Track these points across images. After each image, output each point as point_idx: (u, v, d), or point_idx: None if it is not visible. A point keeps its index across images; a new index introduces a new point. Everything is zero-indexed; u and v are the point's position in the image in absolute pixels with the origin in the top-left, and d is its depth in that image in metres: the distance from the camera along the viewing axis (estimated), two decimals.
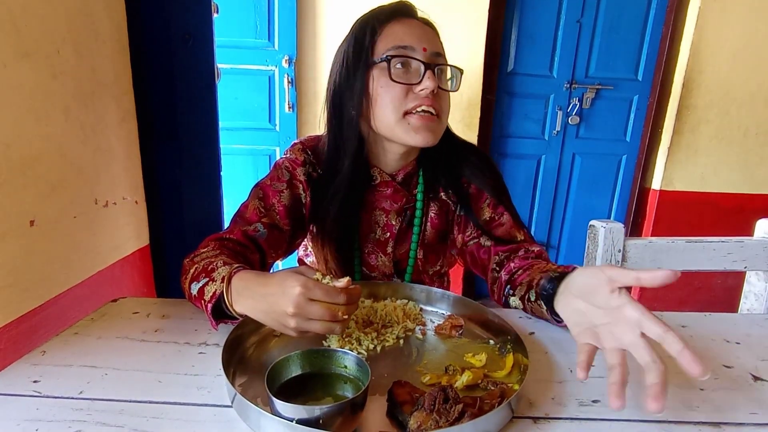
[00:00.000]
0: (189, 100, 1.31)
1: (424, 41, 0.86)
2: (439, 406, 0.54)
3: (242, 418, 0.56)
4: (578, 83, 2.71)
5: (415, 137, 0.87)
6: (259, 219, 0.90)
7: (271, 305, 0.64)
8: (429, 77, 0.84)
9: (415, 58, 0.85)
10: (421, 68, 0.85)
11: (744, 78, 2.54)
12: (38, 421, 0.55)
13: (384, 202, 0.98)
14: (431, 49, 0.86)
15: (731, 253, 1.06)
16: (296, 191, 0.95)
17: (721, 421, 0.59)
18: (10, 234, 0.83)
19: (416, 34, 0.86)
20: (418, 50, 0.85)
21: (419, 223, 0.99)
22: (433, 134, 0.88)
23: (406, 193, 0.98)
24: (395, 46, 0.85)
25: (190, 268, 0.78)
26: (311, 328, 0.63)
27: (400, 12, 0.89)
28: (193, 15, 1.28)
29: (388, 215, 0.99)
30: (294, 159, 0.96)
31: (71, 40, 0.97)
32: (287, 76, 2.49)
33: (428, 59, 0.85)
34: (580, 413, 0.60)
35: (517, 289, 0.85)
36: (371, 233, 1.00)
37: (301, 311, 0.61)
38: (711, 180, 2.69)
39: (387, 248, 1.01)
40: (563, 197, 2.93)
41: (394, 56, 0.84)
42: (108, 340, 0.75)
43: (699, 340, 0.80)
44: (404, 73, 0.85)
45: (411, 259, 1.01)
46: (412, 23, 0.88)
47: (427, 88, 0.84)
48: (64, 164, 0.97)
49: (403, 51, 0.85)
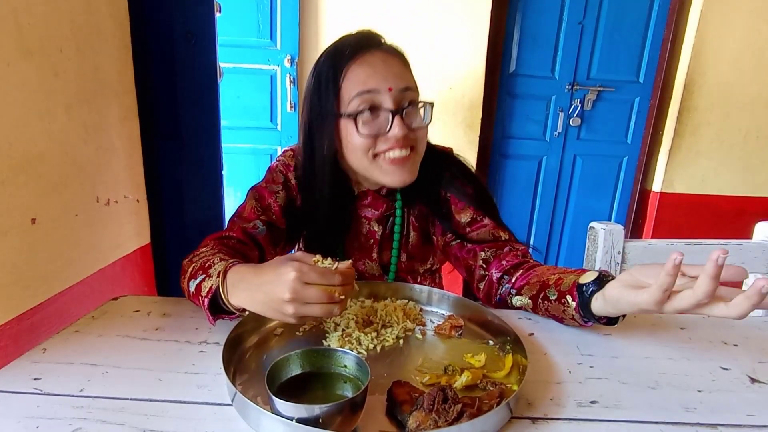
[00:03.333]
0: (191, 99, 1.32)
1: (390, 79, 0.84)
2: (438, 406, 0.54)
3: (242, 416, 0.56)
4: (580, 85, 2.71)
5: (391, 179, 0.88)
6: (258, 217, 0.92)
7: (268, 294, 0.63)
8: (397, 124, 0.83)
9: (379, 107, 0.84)
10: (389, 116, 0.84)
11: (745, 81, 2.54)
12: (39, 419, 0.55)
13: (366, 210, 1.00)
14: (397, 87, 0.84)
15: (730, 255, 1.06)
16: (290, 193, 0.98)
17: (718, 423, 0.59)
18: (12, 231, 0.83)
19: (380, 73, 0.84)
20: (383, 92, 0.83)
21: (399, 229, 1.00)
22: (409, 173, 0.88)
23: (386, 200, 0.99)
24: (360, 92, 0.83)
25: (189, 267, 0.78)
26: (310, 312, 0.63)
27: (363, 46, 0.86)
28: (196, 14, 1.29)
29: (371, 222, 1.01)
30: (287, 164, 0.99)
31: (74, 38, 0.98)
32: (289, 76, 2.49)
33: (395, 99, 0.84)
34: (579, 414, 0.60)
35: (524, 289, 0.85)
36: (356, 241, 1.02)
37: (298, 296, 0.61)
38: (711, 182, 2.69)
39: (372, 254, 1.03)
40: (564, 198, 2.93)
41: (359, 112, 0.84)
42: (109, 338, 0.75)
43: (697, 342, 0.80)
44: (372, 120, 0.85)
45: (393, 265, 1.03)
46: (375, 60, 0.85)
47: (395, 136, 0.84)
48: (66, 162, 0.97)
49: (368, 97, 0.83)
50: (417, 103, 0.88)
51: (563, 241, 3.01)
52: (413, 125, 0.87)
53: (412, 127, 0.86)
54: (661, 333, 0.83)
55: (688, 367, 0.72)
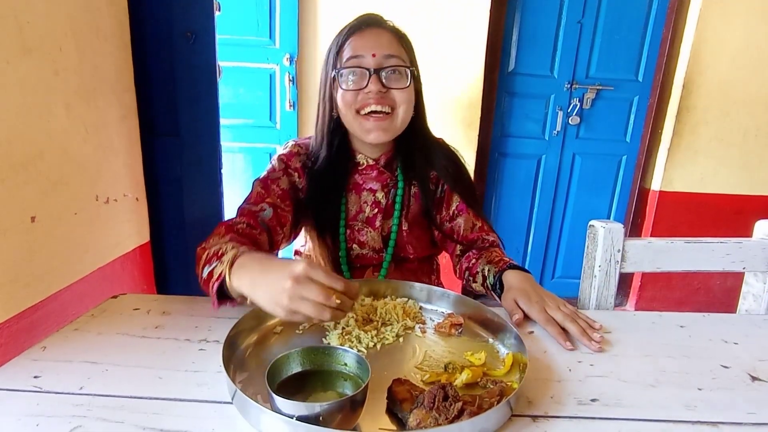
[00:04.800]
0: (190, 97, 1.32)
1: (376, 47, 0.96)
2: (439, 403, 0.54)
3: (242, 414, 0.56)
4: (579, 84, 2.71)
5: (367, 136, 0.99)
6: (263, 200, 0.98)
7: (269, 279, 0.65)
8: (373, 81, 0.95)
9: (361, 67, 0.96)
10: (366, 74, 0.96)
11: (744, 80, 2.54)
12: (38, 417, 0.55)
13: (371, 182, 1.08)
14: (381, 53, 0.96)
15: (730, 253, 1.06)
16: (292, 177, 1.05)
17: (718, 421, 0.59)
18: (12, 230, 0.83)
19: (370, 43, 0.97)
20: (367, 57, 0.96)
21: (400, 200, 1.08)
22: (385, 132, 0.99)
23: (389, 174, 1.08)
24: (349, 57, 0.97)
25: (203, 254, 0.80)
26: (302, 309, 0.62)
27: (362, 23, 1.00)
28: (195, 13, 1.28)
29: (375, 194, 1.08)
30: (288, 152, 1.07)
31: (73, 37, 0.98)
32: (288, 74, 2.49)
33: (376, 64, 0.96)
34: (579, 412, 0.60)
35: (476, 277, 1.02)
36: (361, 213, 1.08)
37: (297, 287, 0.62)
38: (710, 181, 2.69)
39: (376, 223, 1.08)
40: (563, 197, 2.93)
41: (343, 68, 0.97)
42: (108, 336, 0.75)
43: (697, 340, 0.81)
44: (357, 79, 0.97)
45: (393, 234, 1.08)
46: (370, 33, 0.98)
47: (371, 91, 0.95)
48: (66, 161, 0.97)
49: (354, 61, 0.96)
50: (400, 69, 0.98)
51: (562, 240, 3.01)
52: (391, 85, 0.97)
53: (390, 86, 0.97)
54: (661, 331, 0.83)
55: (689, 365, 0.72)
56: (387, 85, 0.97)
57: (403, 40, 1.01)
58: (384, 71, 0.96)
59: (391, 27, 1.02)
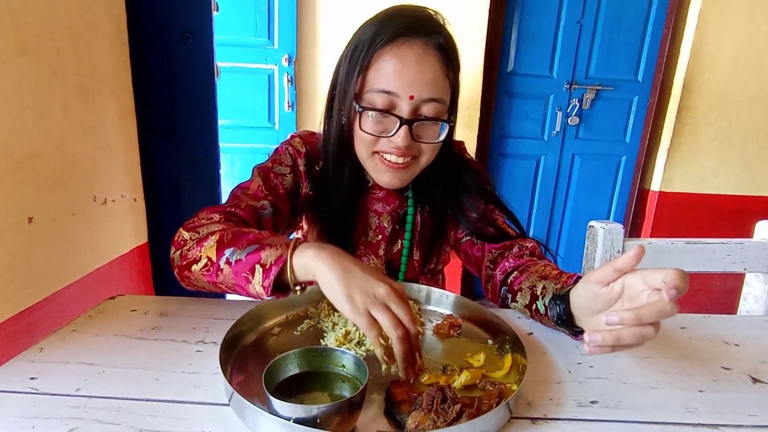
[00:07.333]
0: (188, 98, 1.31)
1: (415, 86, 0.78)
2: (437, 405, 0.54)
3: (239, 416, 0.56)
4: (578, 84, 2.71)
5: (380, 178, 0.88)
6: (265, 197, 0.87)
7: (364, 274, 0.63)
8: (402, 134, 0.79)
9: (390, 113, 0.79)
10: (396, 122, 0.80)
11: (744, 80, 2.54)
12: (35, 418, 0.55)
13: (377, 204, 0.97)
14: (420, 96, 0.79)
15: (730, 254, 1.06)
16: (297, 179, 0.94)
17: (719, 423, 0.59)
18: (9, 231, 0.83)
19: (408, 75, 0.77)
20: (402, 98, 0.78)
21: (411, 222, 0.98)
22: (401, 180, 0.87)
23: (398, 196, 0.97)
24: (379, 89, 0.79)
25: (212, 235, 0.73)
26: (379, 316, 0.61)
27: (405, 32, 0.79)
28: (193, 13, 1.28)
29: (381, 217, 0.98)
30: (298, 150, 0.94)
31: (71, 37, 0.97)
32: (287, 75, 2.49)
33: (411, 110, 0.79)
34: (579, 414, 0.60)
35: (518, 295, 0.83)
36: (363, 236, 0.99)
37: (390, 296, 0.61)
38: (711, 182, 2.69)
39: (379, 251, 1.00)
40: (562, 198, 2.93)
41: (369, 108, 0.80)
42: (105, 338, 0.74)
43: (698, 341, 0.80)
44: (381, 119, 0.81)
45: (404, 258, 1.00)
46: (410, 57, 0.78)
47: (397, 145, 0.80)
48: (63, 161, 0.96)
49: (386, 98, 0.79)
50: (436, 119, 0.82)
51: (561, 241, 3.01)
52: (422, 138, 0.83)
53: (421, 140, 0.83)
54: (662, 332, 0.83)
55: (689, 367, 0.72)
56: (417, 137, 0.82)
57: (452, 65, 0.84)
58: (418, 121, 0.80)
59: (441, 42, 0.81)
